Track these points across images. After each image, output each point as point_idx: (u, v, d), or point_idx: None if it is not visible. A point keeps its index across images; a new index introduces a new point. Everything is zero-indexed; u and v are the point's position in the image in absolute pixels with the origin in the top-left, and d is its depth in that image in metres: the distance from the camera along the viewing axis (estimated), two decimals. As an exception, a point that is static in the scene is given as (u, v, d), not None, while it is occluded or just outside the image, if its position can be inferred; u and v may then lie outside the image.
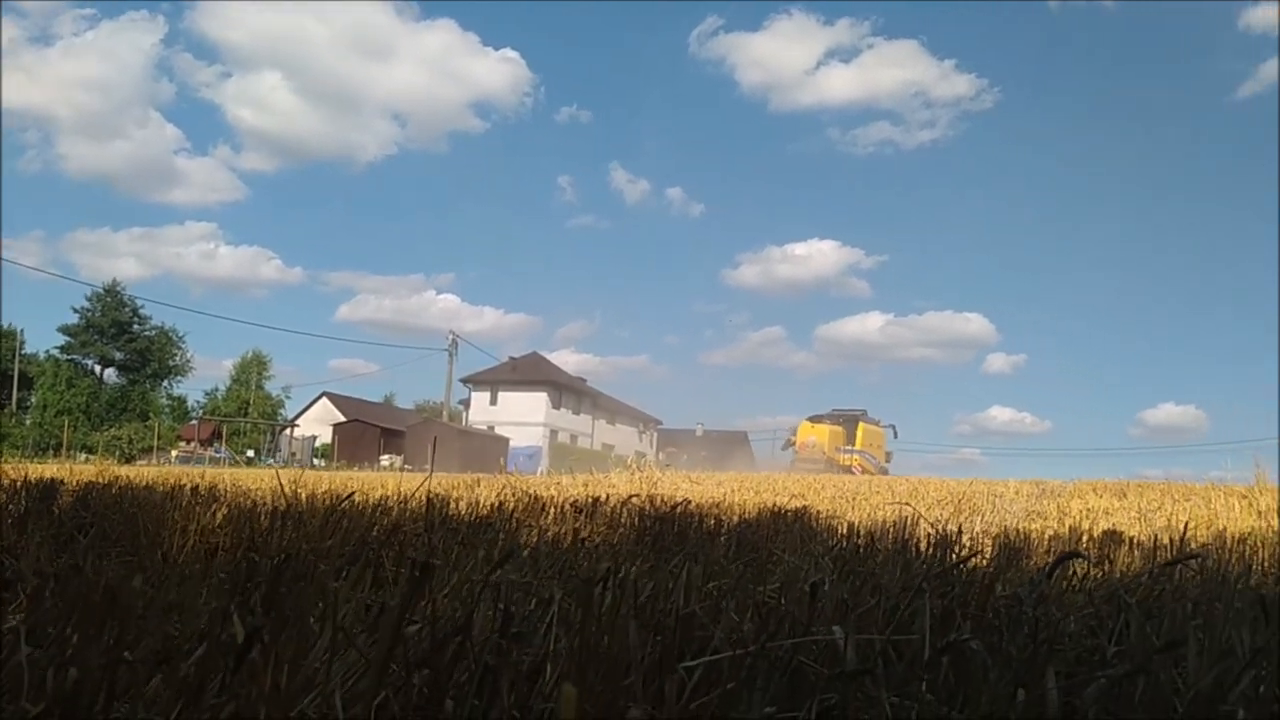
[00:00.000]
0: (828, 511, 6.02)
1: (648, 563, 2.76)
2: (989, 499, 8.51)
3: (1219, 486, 11.11)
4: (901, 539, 4.16)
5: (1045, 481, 13.34)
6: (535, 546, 3.47)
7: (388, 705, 1.29)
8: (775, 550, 3.32)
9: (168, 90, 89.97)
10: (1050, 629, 1.75)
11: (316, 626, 1.53)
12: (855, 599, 1.92)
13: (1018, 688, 1.46)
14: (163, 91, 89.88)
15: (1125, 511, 7.73)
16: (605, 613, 1.33)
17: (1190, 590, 2.26)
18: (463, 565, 2.45)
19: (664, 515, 4.60)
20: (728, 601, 1.80)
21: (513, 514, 4.32)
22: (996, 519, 6.56)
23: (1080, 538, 4.65)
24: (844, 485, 11.09)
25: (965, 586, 2.09)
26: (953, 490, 9.90)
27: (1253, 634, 1.73)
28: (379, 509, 3.98)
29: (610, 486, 9.01)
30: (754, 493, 8.64)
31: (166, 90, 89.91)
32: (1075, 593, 2.27)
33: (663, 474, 13.24)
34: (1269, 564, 3.68)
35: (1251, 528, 5.78)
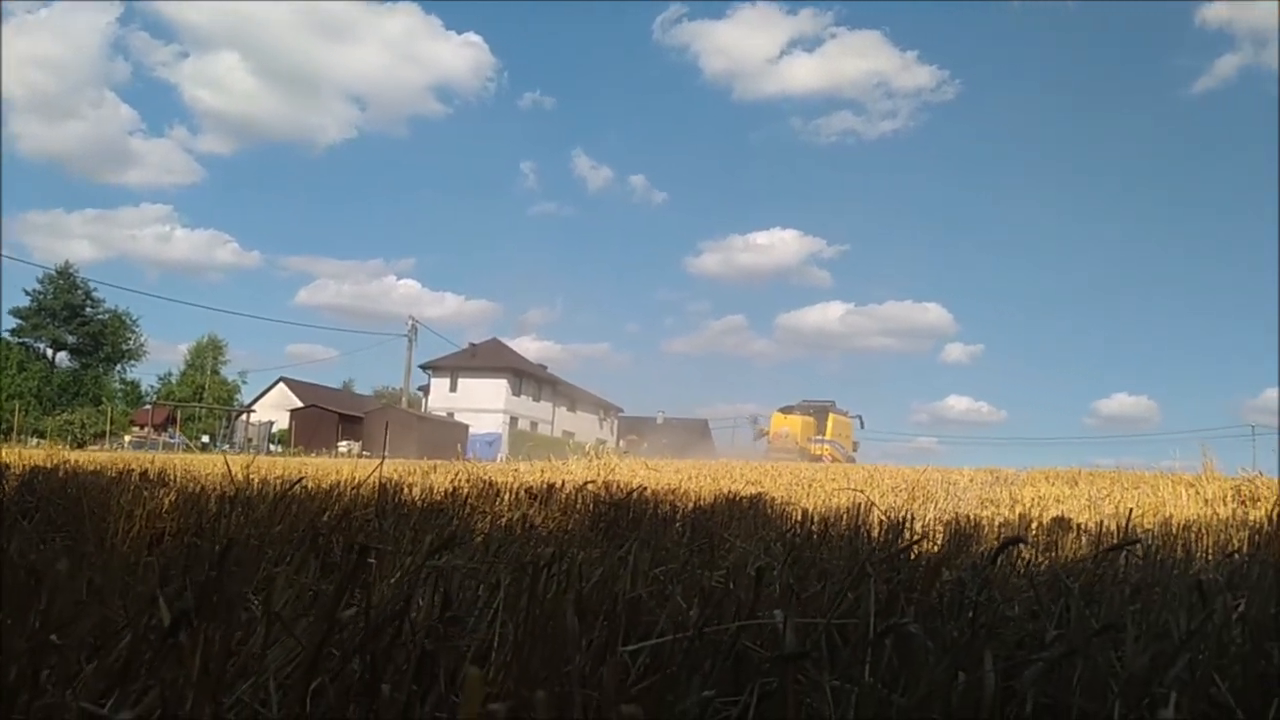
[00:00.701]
0: (783, 498, 6.05)
1: (600, 549, 2.75)
2: (943, 486, 8.61)
3: (1168, 475, 11.31)
4: (854, 526, 4.19)
5: (999, 470, 13.51)
6: (488, 533, 3.46)
7: (324, 691, 1.27)
8: (727, 536, 3.33)
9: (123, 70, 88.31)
10: (991, 613, 1.77)
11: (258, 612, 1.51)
12: (801, 584, 1.93)
13: (957, 670, 1.48)
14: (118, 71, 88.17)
15: (1075, 499, 7.84)
16: (549, 598, 1.32)
17: (1131, 575, 2.30)
18: (414, 551, 2.43)
19: (619, 502, 4.60)
20: (674, 586, 1.80)
21: (466, 500, 4.30)
22: (950, 506, 6.63)
23: (1030, 524, 4.71)
24: (800, 472, 11.17)
25: (911, 571, 2.11)
26: (908, 478, 10.00)
27: (1189, 618, 1.76)
28: (330, 495, 3.95)
29: (567, 473, 9.01)
30: (711, 480, 8.67)
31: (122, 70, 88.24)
32: (1019, 578, 2.29)
33: (620, 461, 13.24)
34: (1211, 550, 3.75)
35: (1197, 515, 5.89)
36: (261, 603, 1.74)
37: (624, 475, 9.03)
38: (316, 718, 1.22)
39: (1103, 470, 14.09)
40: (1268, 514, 5.36)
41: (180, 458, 12.81)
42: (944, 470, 13.11)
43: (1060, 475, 11.86)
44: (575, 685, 1.08)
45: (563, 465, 11.97)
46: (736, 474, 10.21)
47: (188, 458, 12.79)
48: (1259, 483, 8.58)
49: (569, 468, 11.10)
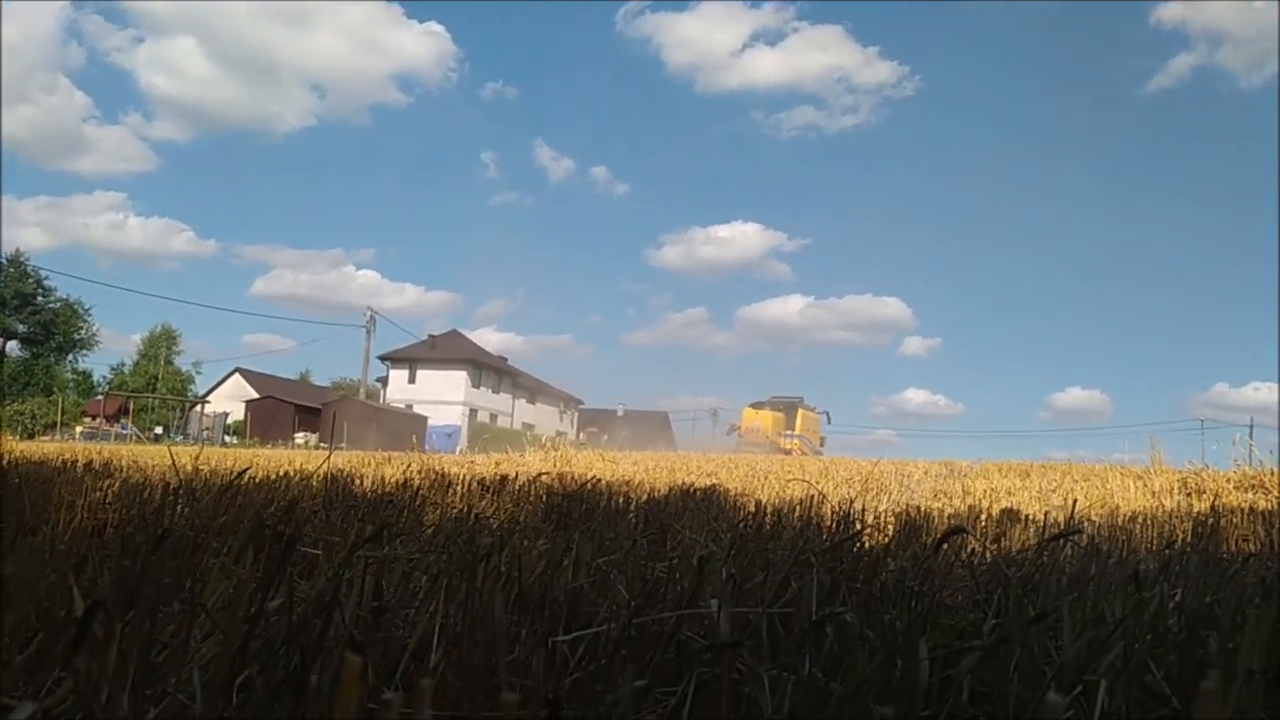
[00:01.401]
0: (738, 490, 6.07)
1: (547, 540, 2.74)
2: (897, 479, 8.68)
3: (1117, 468, 11.49)
4: (806, 517, 4.21)
5: (954, 462, 13.66)
6: (438, 524, 3.43)
7: (251, 683, 1.25)
8: (678, 528, 3.33)
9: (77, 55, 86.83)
10: (929, 602, 1.78)
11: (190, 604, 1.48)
12: (744, 574, 1.93)
13: (894, 658, 1.48)
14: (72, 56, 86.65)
15: (1026, 491, 7.93)
16: (489, 588, 1.31)
17: (1072, 565, 2.32)
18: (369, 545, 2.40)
19: (572, 493, 4.59)
20: (617, 576, 1.79)
21: (418, 492, 4.26)
22: (903, 498, 6.68)
23: (979, 516, 4.76)
24: (755, 464, 11.21)
25: (855, 562, 2.12)
26: (862, 470, 10.07)
27: (1124, 605, 1.78)
28: (276, 486, 3.89)
29: (523, 465, 8.97)
30: (668, 472, 8.68)
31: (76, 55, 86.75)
32: (962, 568, 2.31)
33: (577, 453, 13.22)
34: (1154, 541, 3.81)
35: (1143, 507, 5.99)
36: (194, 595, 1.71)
37: (580, 467, 9.01)
38: (242, 711, 1.19)
39: (1055, 463, 14.29)
40: (1211, 506, 5.46)
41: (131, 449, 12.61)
42: (898, 462, 13.23)
43: (1013, 468, 12.01)
44: (504, 676, 1.07)
45: (519, 457, 11.92)
46: (694, 466, 10.23)
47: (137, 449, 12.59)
48: (1205, 475, 8.74)
49: (525, 460, 11.06)
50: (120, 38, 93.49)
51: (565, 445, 15.27)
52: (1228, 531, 4.57)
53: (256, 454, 11.67)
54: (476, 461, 10.03)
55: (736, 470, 9.27)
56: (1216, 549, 3.60)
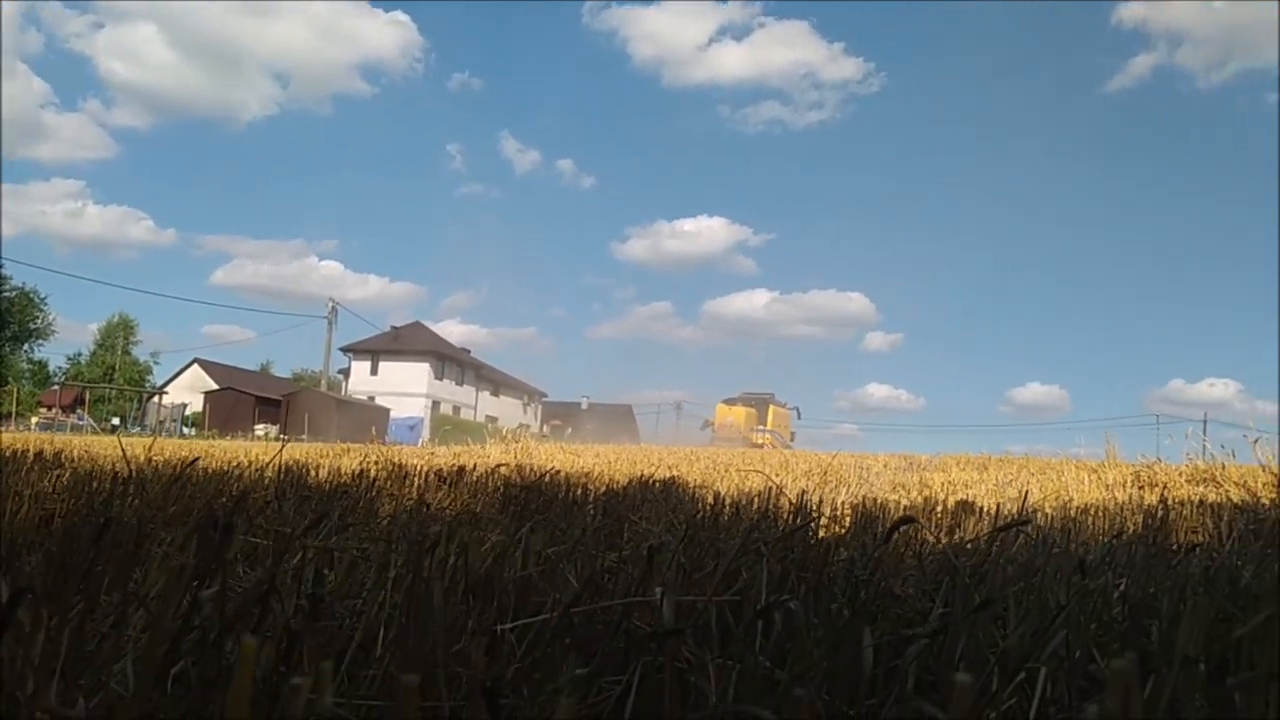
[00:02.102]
0: (697, 482, 6.08)
1: (500, 530, 2.73)
2: (856, 471, 8.74)
3: (1073, 461, 11.64)
4: (763, 509, 4.22)
5: (913, 455, 13.76)
6: (392, 515, 3.40)
7: (187, 674, 1.23)
8: (634, 519, 3.33)
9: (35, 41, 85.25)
10: (875, 590, 1.79)
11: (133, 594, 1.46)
12: (694, 564, 1.93)
13: (839, 646, 1.49)
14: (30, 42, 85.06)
15: (983, 484, 8.01)
16: (432, 578, 1.30)
17: (1020, 556, 2.35)
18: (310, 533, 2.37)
19: (530, 485, 4.57)
20: (566, 566, 1.78)
21: (374, 483, 4.23)
22: (861, 490, 6.72)
23: (934, 508, 4.80)
24: (716, 457, 11.24)
25: (806, 552, 2.12)
26: (822, 462, 10.12)
27: (1069, 594, 1.80)
28: (229, 476, 3.85)
29: (484, 457, 8.94)
30: (629, 464, 8.68)
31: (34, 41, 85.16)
32: (913, 558, 2.33)
33: (538, 445, 13.19)
34: (1104, 532, 3.86)
35: (1096, 499, 6.07)
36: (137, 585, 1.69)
37: (541, 459, 8.99)
38: (176, 700, 1.18)
39: (1012, 457, 14.45)
40: (1161, 498, 5.54)
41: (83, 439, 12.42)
42: (858, 456, 13.32)
43: (970, 461, 12.13)
44: (441, 665, 1.06)
45: (480, 449, 11.87)
46: (655, 459, 10.24)
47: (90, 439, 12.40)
48: (1157, 469, 8.87)
49: (486, 452, 11.02)
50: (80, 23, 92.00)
51: (526, 437, 15.23)
52: (1177, 524, 4.64)
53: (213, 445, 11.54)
54: (436, 453, 9.98)
55: (697, 463, 9.29)
56: (1165, 540, 3.66)
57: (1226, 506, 5.14)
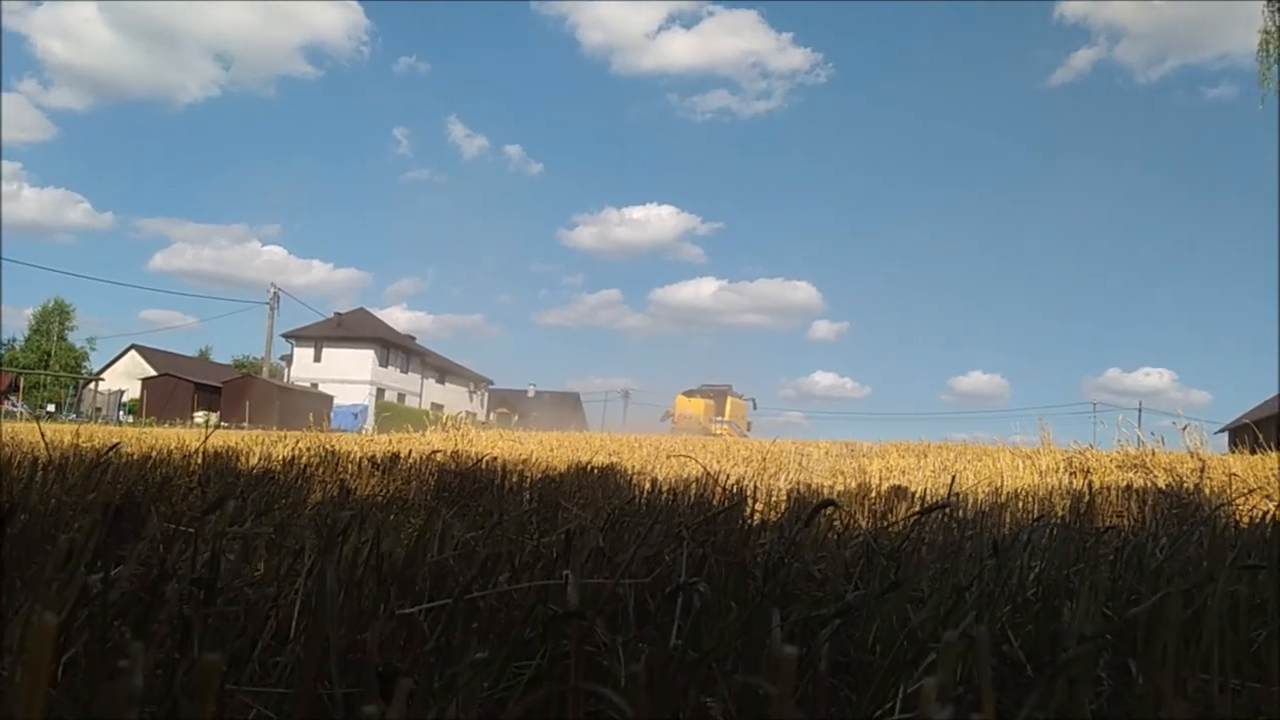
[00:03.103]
0: (637, 469, 6.08)
1: (421, 516, 2.70)
2: (796, 458, 8.81)
3: (1009, 448, 11.85)
4: (701, 495, 4.23)
5: (854, 443, 13.92)
6: (321, 502, 3.36)
7: (77, 662, 1.20)
8: (566, 505, 3.31)
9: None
10: (792, 572, 1.79)
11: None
12: (615, 547, 1.92)
13: (750, 627, 1.49)
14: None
15: (921, 470, 8.12)
16: (332, 562, 1.27)
17: (940, 537, 2.38)
18: (224, 519, 2.33)
19: (465, 471, 4.54)
20: (482, 550, 1.77)
21: (305, 469, 4.17)
22: (800, 477, 6.78)
23: (868, 493, 4.85)
24: (659, 444, 11.27)
25: (729, 535, 2.13)
26: (764, 449, 10.19)
27: (981, 575, 1.82)
28: (155, 463, 3.77)
29: (424, 444, 8.87)
30: (570, 450, 8.66)
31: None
32: (836, 541, 2.34)
33: (480, 432, 13.11)
34: (1032, 516, 3.92)
35: (1028, 484, 6.18)
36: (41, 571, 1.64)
37: (482, 446, 8.94)
38: (65, 689, 1.14)
39: (951, 444, 14.68)
40: (1087, 483, 5.65)
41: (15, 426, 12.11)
42: (798, 442, 13.44)
43: (910, 448, 12.29)
44: (335, 652, 1.04)
45: (420, 436, 11.78)
46: (597, 445, 10.23)
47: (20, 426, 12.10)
48: (1089, 455, 9.06)
49: (426, 439, 10.94)
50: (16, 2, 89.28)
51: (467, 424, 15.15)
52: (1103, 508, 4.74)
53: (146, 433, 11.32)
54: (374, 440, 9.88)
55: (638, 450, 9.31)
56: (1090, 524, 3.73)
57: (1151, 491, 5.27)
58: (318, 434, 10.36)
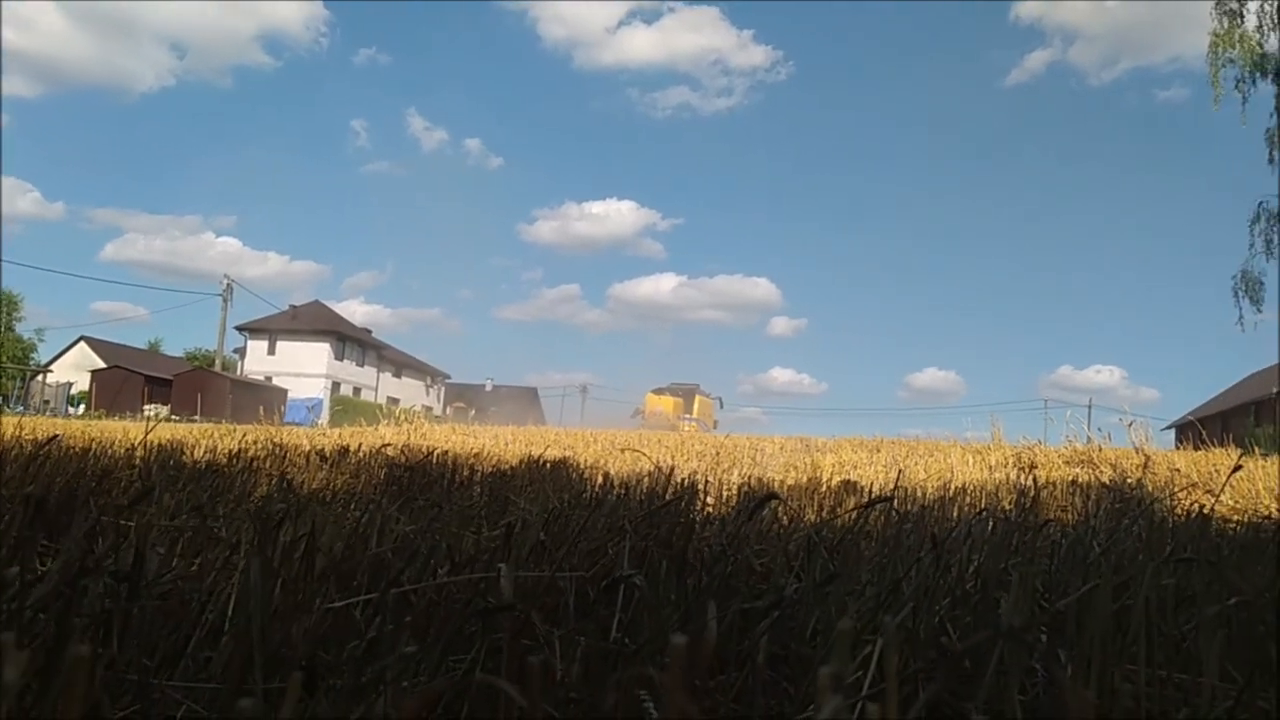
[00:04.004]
0: (589, 463, 6.08)
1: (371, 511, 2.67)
2: (750, 453, 8.84)
3: (961, 444, 11.98)
4: (654, 489, 4.23)
5: (809, 438, 14.00)
6: (265, 496, 3.31)
7: None
8: (515, 498, 3.30)
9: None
10: (730, 565, 1.80)
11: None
12: (557, 541, 1.92)
13: (687, 620, 1.49)
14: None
15: (874, 465, 8.19)
16: (253, 555, 1.26)
17: (883, 531, 2.40)
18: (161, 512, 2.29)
19: (415, 465, 4.51)
20: (421, 543, 1.76)
21: (252, 462, 4.12)
22: (754, 472, 6.81)
23: (819, 487, 4.88)
24: (613, 439, 11.27)
25: (672, 528, 2.13)
26: (719, 444, 10.23)
27: (918, 568, 1.84)
28: (97, 455, 3.70)
29: (376, 438, 8.79)
30: (524, 445, 8.63)
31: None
32: (781, 535, 2.36)
33: (433, 427, 13.03)
34: (977, 510, 3.97)
35: (977, 479, 6.25)
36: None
37: (435, 440, 8.88)
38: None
39: (905, 439, 14.82)
40: (1033, 478, 5.73)
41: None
42: (753, 438, 13.50)
43: (864, 444, 12.39)
44: (258, 647, 1.02)
45: (373, 430, 11.68)
46: (550, 439, 10.21)
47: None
48: (1037, 450, 9.19)
49: (379, 432, 10.84)
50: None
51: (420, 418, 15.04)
52: (1048, 502, 4.81)
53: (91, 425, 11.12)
54: (326, 434, 9.77)
55: (593, 444, 9.30)
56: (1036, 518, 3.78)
57: (1095, 486, 5.35)
58: (268, 428, 10.22)
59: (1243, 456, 6.50)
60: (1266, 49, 23.39)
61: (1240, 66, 23.60)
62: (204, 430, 8.97)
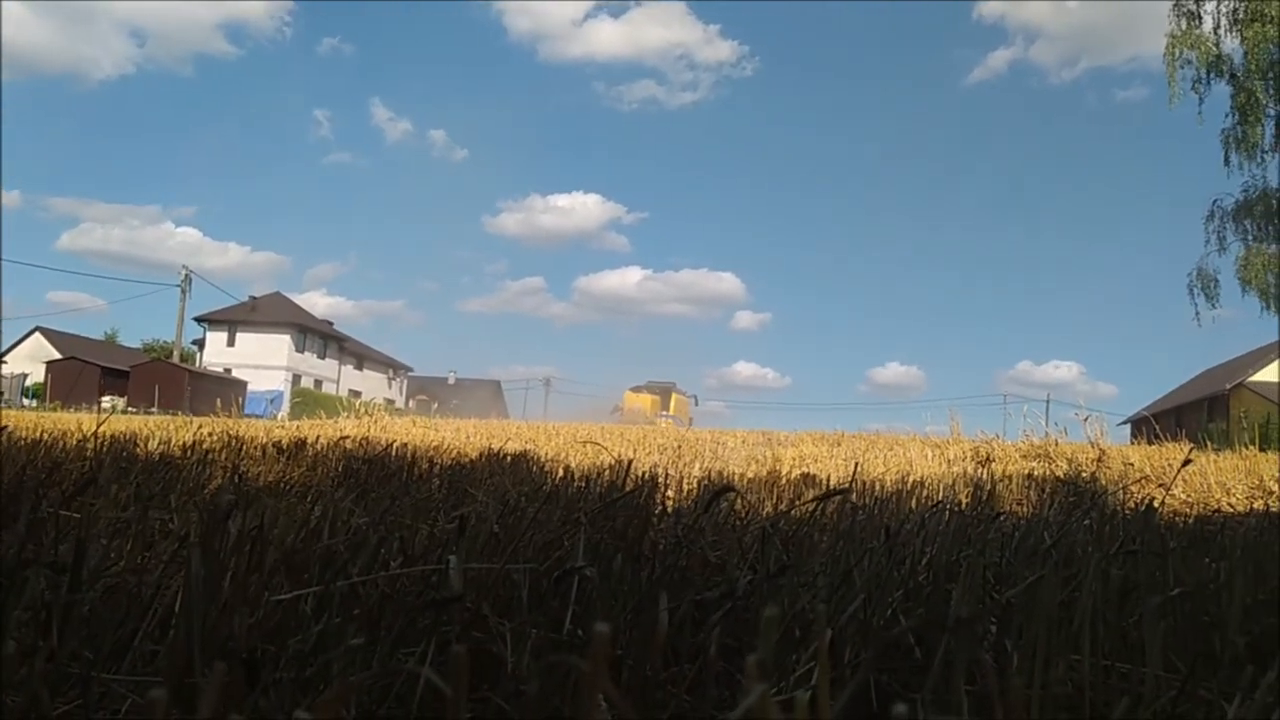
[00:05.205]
0: (549, 456, 6.06)
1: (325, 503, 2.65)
2: (712, 447, 8.87)
3: (920, 438, 12.09)
4: (614, 482, 4.23)
5: (771, 432, 14.08)
6: (219, 489, 3.28)
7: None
8: (472, 491, 3.29)
9: None
10: (689, 557, 1.80)
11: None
12: (510, 534, 1.91)
13: (639, 611, 1.50)
14: None
15: (834, 459, 8.24)
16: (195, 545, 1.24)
17: (838, 523, 2.41)
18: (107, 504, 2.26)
19: (374, 457, 4.48)
20: (371, 535, 1.74)
21: (206, 455, 4.07)
22: (714, 465, 6.83)
23: (779, 480, 4.90)
24: (576, 432, 11.26)
25: (628, 521, 2.13)
26: (681, 437, 10.25)
27: (871, 560, 1.85)
28: (48, 447, 3.64)
29: (334, 430, 8.72)
30: (485, 437, 8.60)
31: None
32: (738, 527, 2.36)
33: (393, 419, 12.95)
34: (929, 500, 4.00)
35: (934, 472, 6.31)
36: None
37: (395, 433, 8.83)
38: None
39: (866, 434, 14.93)
40: (989, 472, 5.80)
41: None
42: (716, 431, 13.54)
43: (825, 437, 12.47)
44: (196, 640, 1.01)
45: (332, 423, 11.59)
46: (512, 432, 10.18)
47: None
48: (995, 445, 9.30)
49: (339, 425, 10.76)
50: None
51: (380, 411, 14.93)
52: (1004, 495, 4.86)
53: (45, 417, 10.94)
54: (285, 426, 9.69)
55: (555, 438, 9.28)
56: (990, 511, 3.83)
57: (1050, 480, 5.42)
58: (225, 420, 10.12)
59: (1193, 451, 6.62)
60: (1223, 50, 23.79)
61: (1197, 67, 23.99)
62: (160, 423, 8.85)
